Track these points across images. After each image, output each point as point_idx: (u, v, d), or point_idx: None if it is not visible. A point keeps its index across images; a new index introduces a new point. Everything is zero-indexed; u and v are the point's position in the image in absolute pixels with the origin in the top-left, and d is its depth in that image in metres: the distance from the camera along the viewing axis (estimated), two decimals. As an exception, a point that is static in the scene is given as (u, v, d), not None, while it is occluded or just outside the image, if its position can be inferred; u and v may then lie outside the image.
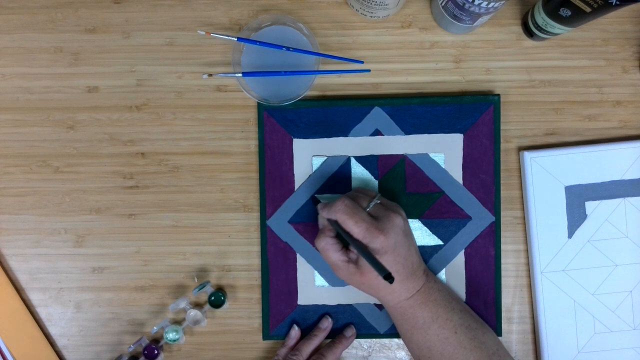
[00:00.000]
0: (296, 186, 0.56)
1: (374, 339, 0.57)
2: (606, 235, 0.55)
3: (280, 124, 0.56)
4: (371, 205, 0.49)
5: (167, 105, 0.57)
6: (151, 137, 0.57)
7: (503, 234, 0.56)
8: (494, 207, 0.56)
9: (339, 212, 0.48)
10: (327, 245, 0.49)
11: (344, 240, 0.49)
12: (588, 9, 0.46)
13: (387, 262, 0.47)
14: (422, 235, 0.56)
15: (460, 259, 0.56)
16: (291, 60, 0.55)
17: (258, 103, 0.56)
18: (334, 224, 0.49)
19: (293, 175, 0.56)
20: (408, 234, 0.50)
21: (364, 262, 0.48)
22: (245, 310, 0.57)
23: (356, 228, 0.47)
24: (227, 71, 0.56)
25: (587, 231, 0.55)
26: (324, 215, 0.50)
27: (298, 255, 0.56)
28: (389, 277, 0.42)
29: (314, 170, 0.56)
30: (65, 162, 0.57)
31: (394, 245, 0.47)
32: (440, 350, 0.49)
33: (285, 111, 0.56)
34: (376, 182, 0.56)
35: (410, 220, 0.55)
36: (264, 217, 0.56)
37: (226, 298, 0.56)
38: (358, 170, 0.56)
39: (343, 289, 0.56)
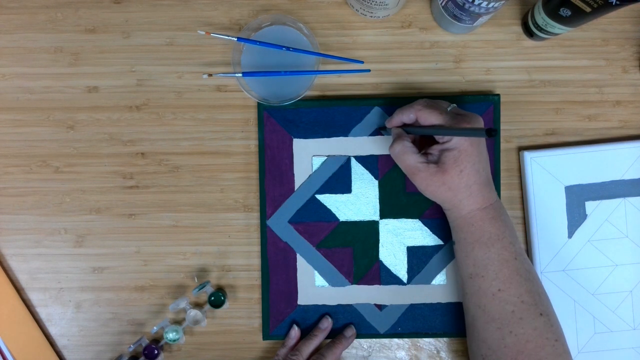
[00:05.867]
0: (296, 186, 0.56)
1: (374, 339, 0.57)
2: (606, 235, 0.55)
3: (280, 124, 0.56)
4: (450, 108, 0.48)
5: (167, 105, 0.57)
6: (151, 137, 0.57)
7: (503, 234, 0.56)
8: (494, 207, 0.56)
9: (420, 109, 0.47)
10: (405, 148, 0.48)
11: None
12: (588, 9, 0.46)
13: (471, 156, 0.46)
14: (422, 235, 0.56)
15: (460, 259, 0.56)
16: (291, 60, 0.55)
17: (258, 103, 0.56)
18: (410, 128, 0.48)
19: (293, 175, 0.56)
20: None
21: (446, 158, 0.46)
22: (245, 310, 0.57)
23: (442, 119, 0.46)
24: (227, 71, 0.56)
25: (587, 231, 0.55)
26: (399, 119, 0.49)
27: (298, 255, 0.56)
28: (490, 132, 0.38)
29: (314, 170, 0.56)
30: (65, 162, 0.57)
31: (479, 140, 0.46)
32: (497, 271, 0.47)
33: (285, 111, 0.56)
34: (376, 182, 0.56)
35: (410, 220, 0.56)
36: (264, 217, 0.56)
37: (226, 298, 0.56)
38: (358, 170, 0.56)
39: (343, 289, 0.56)
